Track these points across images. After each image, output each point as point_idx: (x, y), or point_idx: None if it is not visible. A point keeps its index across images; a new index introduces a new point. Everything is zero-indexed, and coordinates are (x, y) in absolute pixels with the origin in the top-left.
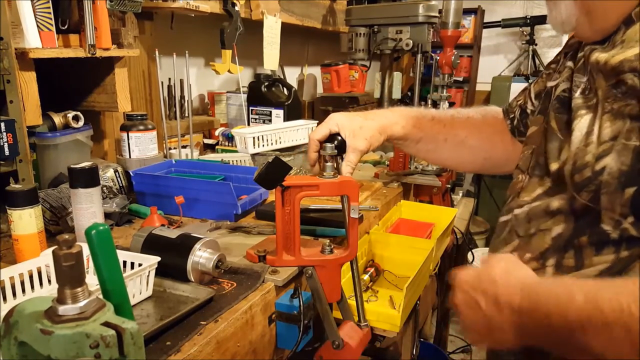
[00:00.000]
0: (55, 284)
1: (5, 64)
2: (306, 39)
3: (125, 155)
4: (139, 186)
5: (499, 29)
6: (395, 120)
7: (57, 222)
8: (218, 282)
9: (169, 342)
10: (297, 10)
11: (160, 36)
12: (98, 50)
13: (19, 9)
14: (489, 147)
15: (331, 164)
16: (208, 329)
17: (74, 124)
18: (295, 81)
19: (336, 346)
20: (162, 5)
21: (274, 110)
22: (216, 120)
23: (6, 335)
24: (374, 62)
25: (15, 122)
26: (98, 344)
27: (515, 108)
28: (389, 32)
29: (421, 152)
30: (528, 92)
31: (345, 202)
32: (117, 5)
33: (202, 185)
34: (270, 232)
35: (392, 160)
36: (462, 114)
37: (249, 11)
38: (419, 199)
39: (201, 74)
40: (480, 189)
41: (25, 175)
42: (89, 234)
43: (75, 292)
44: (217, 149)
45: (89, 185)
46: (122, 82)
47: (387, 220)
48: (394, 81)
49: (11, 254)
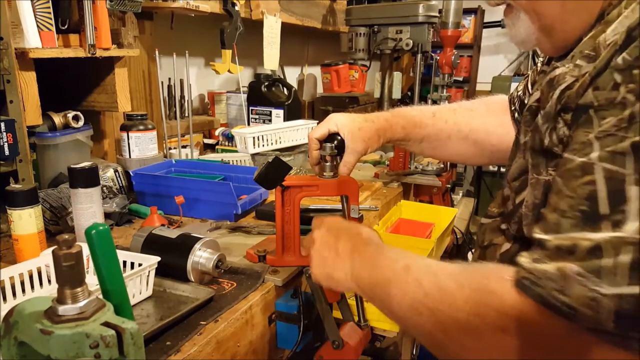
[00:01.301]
0: (55, 284)
1: (5, 64)
2: (306, 39)
3: (125, 155)
4: (139, 186)
5: (499, 29)
6: (395, 121)
7: (57, 222)
8: (218, 282)
9: (169, 342)
10: (297, 10)
11: (160, 36)
12: (98, 50)
13: (19, 9)
14: (495, 139)
15: (330, 163)
16: (208, 329)
17: (74, 124)
18: (295, 81)
19: (336, 346)
20: (162, 5)
21: (274, 110)
22: (216, 120)
23: (6, 335)
24: (374, 62)
25: (15, 122)
26: (98, 344)
27: (516, 99)
28: (389, 32)
29: (426, 151)
30: (527, 81)
31: (345, 202)
32: (117, 5)
33: (202, 185)
34: (270, 232)
35: (392, 160)
36: (464, 107)
37: (249, 11)
38: (419, 199)
39: (201, 74)
40: (480, 189)
41: (25, 175)
42: (89, 234)
43: (75, 292)
44: (217, 149)
45: (89, 185)
46: (122, 82)
47: (387, 220)
48: (394, 81)
49: (11, 254)
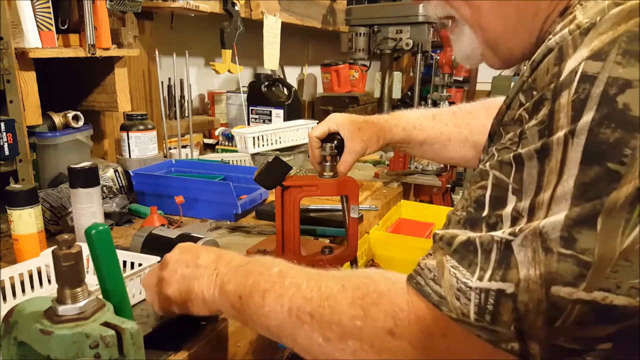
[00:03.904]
0: (55, 284)
1: (5, 63)
2: (306, 39)
3: (125, 155)
4: (139, 186)
5: None
6: (395, 123)
7: (57, 222)
8: None
9: (169, 342)
10: (297, 10)
11: (160, 36)
12: (98, 50)
13: (19, 9)
14: None
15: (330, 163)
16: (208, 329)
17: (74, 123)
18: (295, 81)
19: None
20: (162, 5)
21: (274, 110)
22: (216, 120)
23: (6, 335)
24: (374, 62)
25: (15, 122)
26: (98, 344)
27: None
28: (389, 31)
29: (427, 154)
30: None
31: (345, 202)
32: (117, 5)
33: (202, 185)
34: (270, 232)
35: (392, 160)
36: (464, 109)
37: (249, 11)
38: (419, 199)
39: (201, 73)
40: None
41: (25, 175)
42: (89, 234)
43: (75, 292)
44: (217, 149)
45: (89, 185)
46: (122, 82)
47: (387, 220)
48: (394, 81)
49: (11, 253)
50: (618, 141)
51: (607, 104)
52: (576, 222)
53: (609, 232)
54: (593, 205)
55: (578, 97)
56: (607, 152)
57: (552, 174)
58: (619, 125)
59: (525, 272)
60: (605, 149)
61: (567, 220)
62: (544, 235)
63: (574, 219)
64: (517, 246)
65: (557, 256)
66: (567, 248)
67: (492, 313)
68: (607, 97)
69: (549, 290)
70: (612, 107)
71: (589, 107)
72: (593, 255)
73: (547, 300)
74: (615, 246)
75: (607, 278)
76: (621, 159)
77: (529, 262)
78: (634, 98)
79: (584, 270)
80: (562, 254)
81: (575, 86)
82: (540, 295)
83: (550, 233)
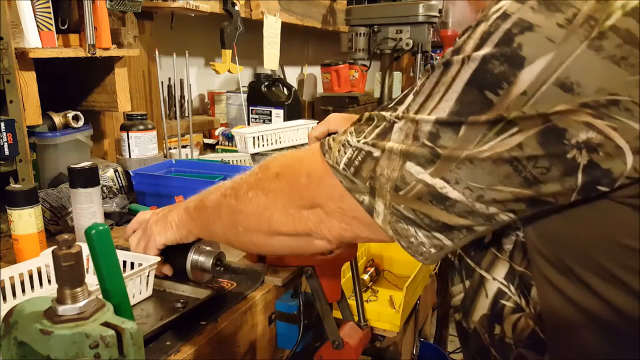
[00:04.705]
0: (55, 284)
1: (5, 63)
2: (306, 39)
3: (125, 155)
4: (138, 186)
5: None
6: None
7: (57, 222)
8: (218, 282)
9: (169, 342)
10: (297, 10)
11: (160, 36)
12: (98, 50)
13: (19, 9)
14: None
15: None
16: (208, 329)
17: (74, 123)
18: (295, 81)
19: (336, 346)
20: (162, 5)
21: (274, 110)
22: (216, 120)
23: (6, 335)
24: (374, 62)
25: (15, 122)
26: (98, 344)
27: None
28: (389, 31)
29: None
30: None
31: None
32: (117, 5)
33: (202, 185)
34: None
35: None
36: None
37: (249, 11)
38: None
39: (201, 73)
40: None
41: (25, 175)
42: (89, 234)
43: (75, 292)
44: (217, 149)
45: (89, 185)
46: (122, 82)
47: None
48: (394, 81)
49: (11, 254)
50: (500, 74)
51: (505, 42)
52: (444, 124)
53: (467, 138)
54: (464, 117)
55: (489, 29)
56: (489, 81)
57: (443, 85)
58: (506, 60)
59: (392, 145)
60: (489, 77)
61: (438, 120)
62: (418, 125)
63: (444, 122)
64: (396, 127)
65: (421, 144)
66: (430, 141)
67: (356, 167)
68: (508, 35)
69: (404, 164)
70: (508, 44)
71: (491, 41)
72: (446, 150)
73: (399, 171)
74: (465, 150)
75: (450, 171)
76: (497, 90)
77: (399, 141)
78: (530, 40)
79: (435, 158)
80: (424, 144)
81: (491, 21)
82: (396, 165)
83: (423, 125)
